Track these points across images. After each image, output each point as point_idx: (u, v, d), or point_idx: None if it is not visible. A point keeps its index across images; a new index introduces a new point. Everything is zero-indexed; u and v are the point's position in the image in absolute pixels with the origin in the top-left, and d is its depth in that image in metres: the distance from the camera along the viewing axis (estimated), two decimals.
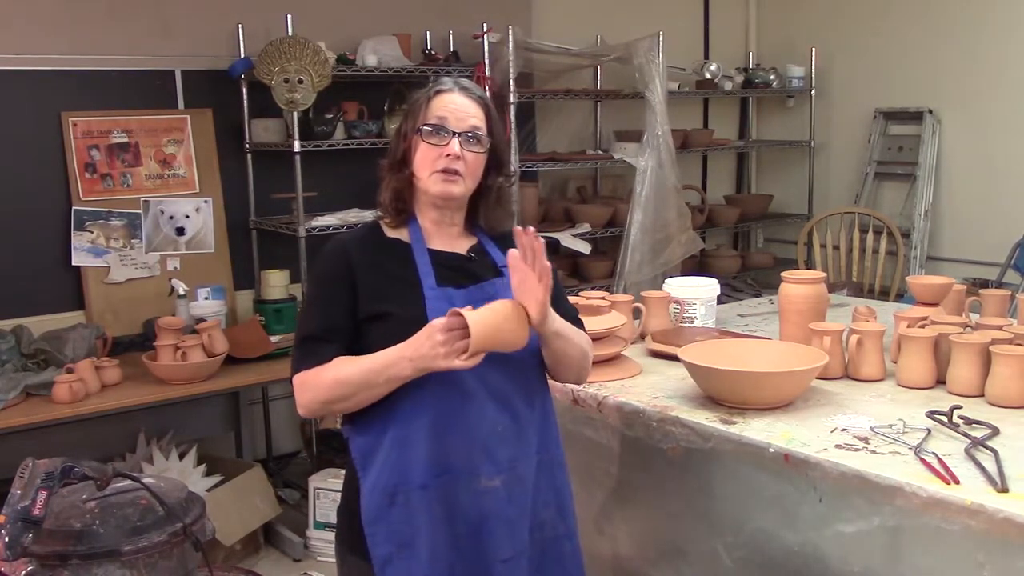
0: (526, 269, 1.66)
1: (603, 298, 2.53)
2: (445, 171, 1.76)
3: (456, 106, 1.78)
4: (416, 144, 1.78)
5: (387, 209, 1.84)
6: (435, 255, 1.81)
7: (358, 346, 1.74)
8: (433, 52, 4.56)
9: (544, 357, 1.83)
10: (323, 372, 1.71)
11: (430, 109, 1.79)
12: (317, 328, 1.75)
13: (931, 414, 1.96)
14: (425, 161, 1.77)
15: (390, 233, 1.85)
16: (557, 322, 1.77)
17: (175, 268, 4.05)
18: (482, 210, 1.87)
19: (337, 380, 1.69)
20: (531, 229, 1.66)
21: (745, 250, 5.97)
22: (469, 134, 1.77)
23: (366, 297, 1.75)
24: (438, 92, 1.81)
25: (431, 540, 1.73)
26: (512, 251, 1.66)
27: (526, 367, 1.81)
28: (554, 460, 1.86)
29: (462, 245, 1.86)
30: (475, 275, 1.82)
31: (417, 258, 1.79)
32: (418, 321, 1.68)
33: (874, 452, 1.79)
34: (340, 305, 1.75)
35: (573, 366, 1.86)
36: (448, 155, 1.75)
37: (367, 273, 1.77)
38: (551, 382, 1.92)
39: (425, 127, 1.77)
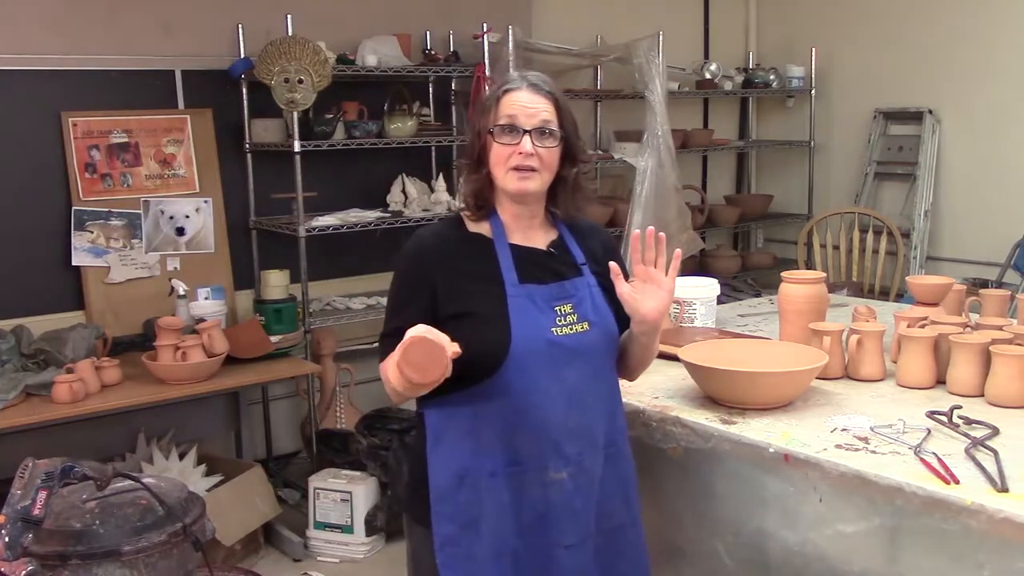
0: (646, 269, 1.78)
1: None
2: (519, 168, 1.78)
3: (524, 103, 1.80)
4: (490, 143, 1.81)
5: (468, 204, 1.87)
6: (516, 250, 1.83)
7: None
8: (433, 52, 4.55)
9: (632, 352, 1.90)
10: (383, 368, 1.75)
11: (500, 108, 1.81)
12: (393, 327, 1.79)
13: (931, 414, 1.96)
14: (499, 160, 1.80)
15: (472, 228, 1.87)
16: None
17: (175, 268, 4.05)
18: (560, 200, 1.89)
19: (386, 380, 1.72)
20: (651, 229, 1.77)
21: (745, 250, 5.96)
22: (541, 130, 1.79)
23: (447, 296, 1.78)
24: (507, 90, 1.83)
25: (495, 525, 1.77)
26: (612, 263, 1.79)
27: (601, 364, 1.85)
28: (620, 453, 1.90)
29: (542, 239, 1.89)
30: (556, 272, 1.85)
31: (499, 253, 1.81)
32: (501, 319, 1.73)
33: (874, 452, 1.79)
34: (415, 306, 1.78)
35: (648, 360, 1.96)
36: (521, 153, 1.77)
37: (447, 272, 1.80)
38: None
39: (496, 127, 1.79)
